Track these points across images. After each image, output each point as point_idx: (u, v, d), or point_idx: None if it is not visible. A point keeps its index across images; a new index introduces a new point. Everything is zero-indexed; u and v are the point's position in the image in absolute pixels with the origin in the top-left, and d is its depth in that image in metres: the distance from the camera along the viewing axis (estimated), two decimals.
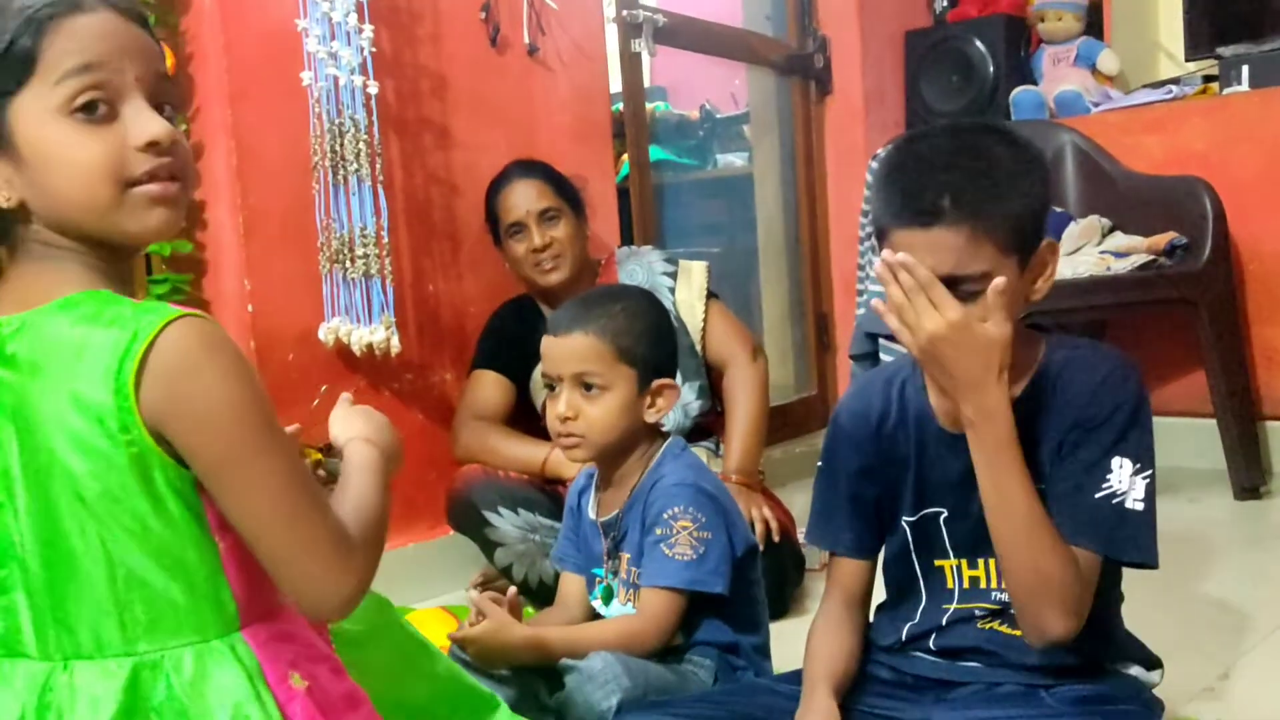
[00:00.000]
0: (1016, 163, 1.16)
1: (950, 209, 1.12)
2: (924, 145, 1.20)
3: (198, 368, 0.85)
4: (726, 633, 1.52)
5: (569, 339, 1.50)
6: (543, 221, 2.23)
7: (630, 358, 1.51)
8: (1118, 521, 1.17)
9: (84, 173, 0.87)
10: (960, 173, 1.13)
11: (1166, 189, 2.78)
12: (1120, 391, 1.20)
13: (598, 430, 1.50)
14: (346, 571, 0.89)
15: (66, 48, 0.86)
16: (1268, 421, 2.84)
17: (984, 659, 1.29)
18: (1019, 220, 1.14)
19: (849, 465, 1.35)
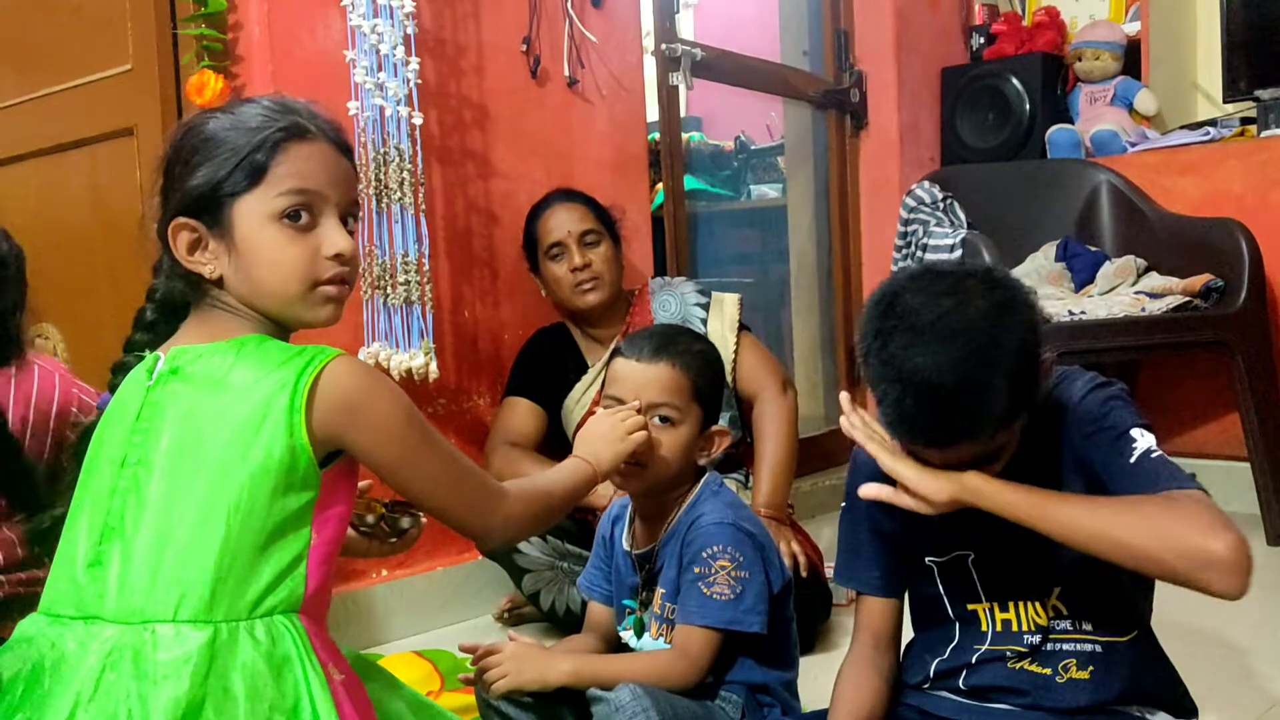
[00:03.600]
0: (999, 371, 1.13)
1: (960, 440, 1.17)
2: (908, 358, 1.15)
3: (370, 389, 1.08)
4: (758, 672, 1.53)
5: (653, 367, 1.50)
6: (583, 243, 2.27)
7: (702, 398, 1.53)
8: (1169, 467, 1.17)
9: (284, 270, 1.09)
10: (955, 416, 1.14)
11: (1202, 230, 2.78)
12: (1101, 393, 1.23)
13: (660, 463, 1.50)
14: (495, 509, 1.19)
15: (290, 169, 1.08)
16: None
17: (1014, 698, 1.28)
18: (1012, 410, 1.16)
19: (868, 501, 1.36)
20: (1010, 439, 1.19)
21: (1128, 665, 1.26)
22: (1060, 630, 1.28)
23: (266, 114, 1.10)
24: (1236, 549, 1.06)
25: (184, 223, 1.09)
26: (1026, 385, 1.16)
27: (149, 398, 1.07)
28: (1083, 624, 1.27)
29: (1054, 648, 1.28)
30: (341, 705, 1.02)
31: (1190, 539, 1.07)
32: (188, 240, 1.10)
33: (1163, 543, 1.08)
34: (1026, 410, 1.18)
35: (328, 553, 1.08)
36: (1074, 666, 1.26)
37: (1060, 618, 1.27)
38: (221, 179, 1.07)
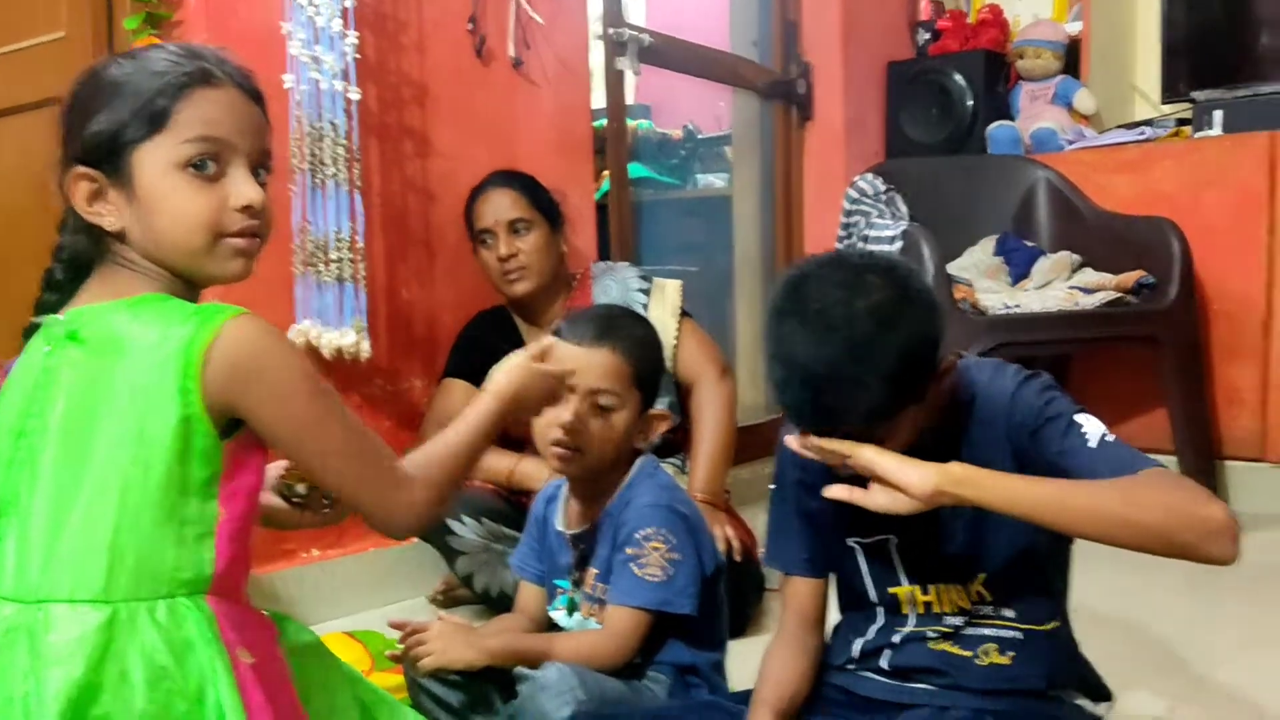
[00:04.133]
0: (888, 346, 1.14)
1: (829, 427, 1.18)
2: (800, 344, 1.16)
3: (267, 352, 1.01)
4: (686, 653, 1.53)
5: (593, 352, 1.48)
6: (511, 232, 2.25)
7: (641, 383, 1.52)
8: (1123, 449, 1.18)
9: (188, 222, 1.03)
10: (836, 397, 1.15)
11: (1136, 228, 2.83)
12: (1033, 386, 1.24)
13: (598, 448, 1.50)
14: (398, 496, 1.08)
15: (195, 116, 1.03)
16: (1227, 461, 2.88)
17: (935, 679, 1.30)
18: (886, 406, 1.16)
19: (792, 480, 1.37)
20: (895, 431, 1.18)
21: (1046, 653, 1.27)
22: (982, 615, 1.29)
23: (171, 59, 1.04)
24: (1231, 516, 1.09)
25: (83, 172, 1.03)
26: (904, 384, 1.15)
27: (46, 363, 1.02)
28: (1004, 610, 1.28)
29: (975, 631, 1.29)
30: (248, 691, 0.98)
31: (1195, 510, 1.08)
32: (87, 191, 1.03)
33: (1170, 516, 1.09)
34: (911, 405, 1.18)
35: (238, 529, 1.03)
36: (994, 651, 1.28)
37: (983, 603, 1.29)
38: (121, 125, 1.01)
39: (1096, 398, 2.99)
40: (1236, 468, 2.88)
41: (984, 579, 1.28)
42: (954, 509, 1.22)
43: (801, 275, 1.20)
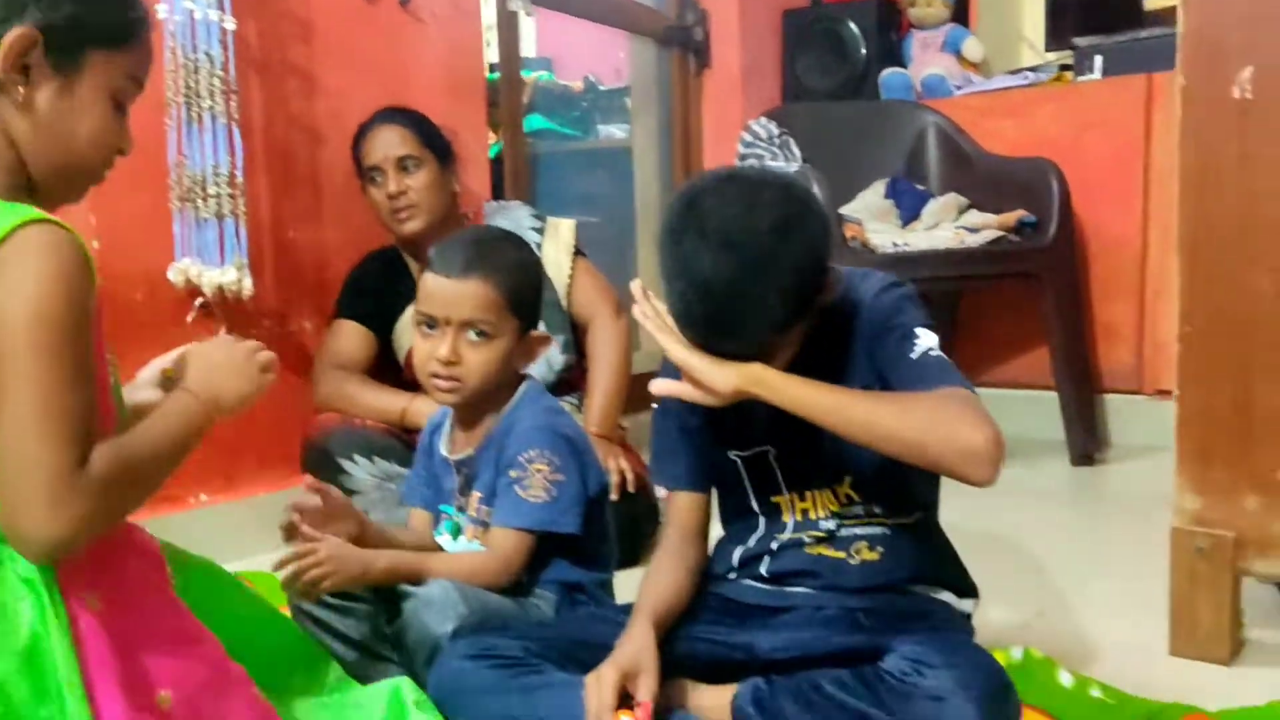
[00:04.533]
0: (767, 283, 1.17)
1: (729, 341, 1.21)
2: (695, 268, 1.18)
3: (15, 260, 0.90)
4: (573, 572, 1.55)
5: (464, 284, 1.46)
6: (399, 169, 2.22)
7: (518, 308, 1.50)
8: (947, 367, 1.23)
9: (98, 142, 1.04)
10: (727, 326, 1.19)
11: (1019, 170, 2.91)
12: (895, 292, 1.29)
13: (478, 377, 1.49)
14: (54, 514, 0.89)
15: (143, 54, 1.07)
16: (1105, 394, 2.99)
17: (809, 581, 1.34)
18: (783, 320, 1.20)
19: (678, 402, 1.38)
20: (785, 344, 1.23)
21: (913, 547, 1.33)
22: (852, 516, 1.34)
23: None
24: (995, 442, 1.14)
25: (33, 36, 0.98)
26: (800, 299, 1.19)
27: None
28: (873, 508, 1.33)
29: (847, 533, 1.34)
30: (89, 644, 0.92)
31: (957, 433, 1.14)
32: (20, 49, 0.97)
33: (932, 434, 1.15)
34: (803, 318, 1.22)
35: None
36: (864, 549, 1.32)
37: (852, 504, 1.33)
38: (105, 24, 1.03)
39: (983, 335, 3.12)
40: (1115, 400, 2.99)
41: (851, 481, 1.33)
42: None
43: (698, 192, 1.21)
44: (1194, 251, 1.47)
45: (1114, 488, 2.68)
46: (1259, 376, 1.44)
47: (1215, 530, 1.49)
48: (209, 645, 1.05)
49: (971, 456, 1.13)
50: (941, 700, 1.07)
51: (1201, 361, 1.48)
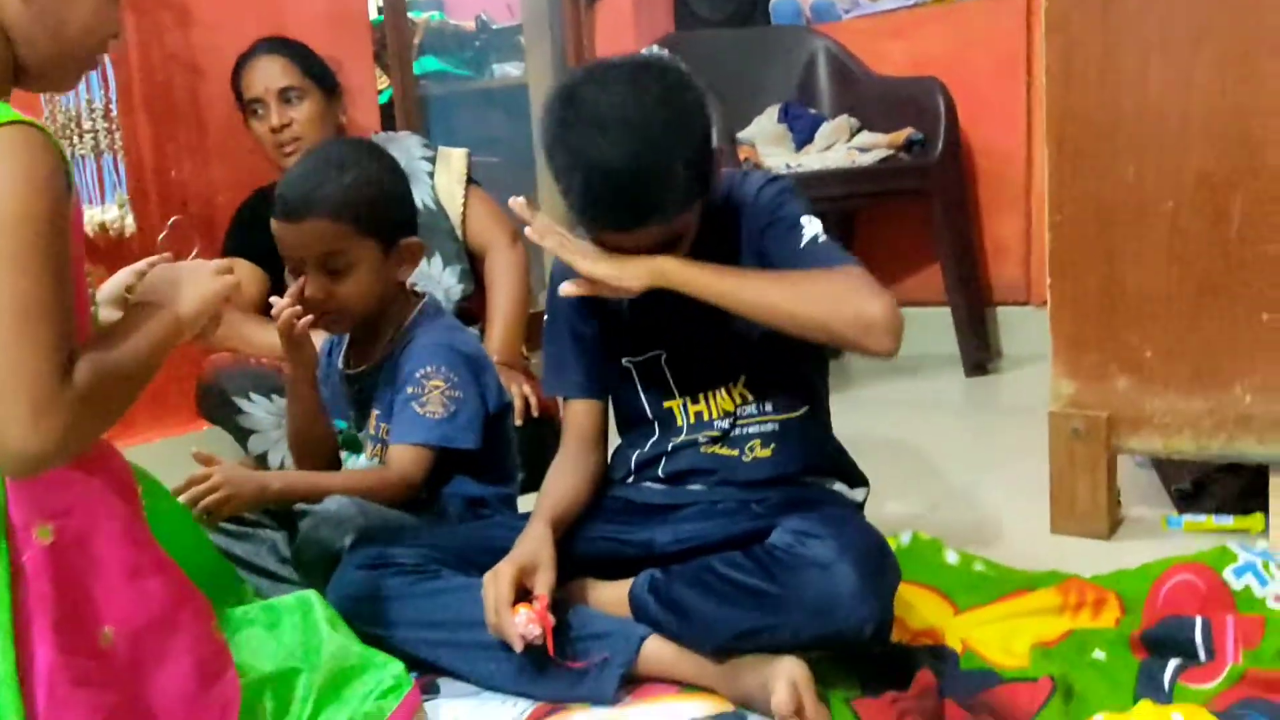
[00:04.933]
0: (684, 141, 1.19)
1: (644, 222, 1.21)
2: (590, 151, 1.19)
3: (8, 167, 0.87)
4: (474, 486, 1.56)
5: (301, 226, 1.43)
6: (282, 101, 2.16)
7: (371, 227, 1.47)
8: (833, 249, 1.26)
9: (90, 24, 1.01)
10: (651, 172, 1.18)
11: (906, 90, 2.95)
12: (775, 186, 1.32)
13: (353, 305, 1.48)
14: (37, 425, 0.85)
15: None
16: (996, 307, 3.08)
17: (705, 479, 1.37)
18: (690, 192, 1.21)
19: (564, 306, 1.39)
20: (689, 224, 1.25)
21: (803, 439, 1.36)
22: (746, 415, 1.36)
23: None
24: (892, 312, 1.18)
25: None
26: (702, 168, 1.21)
27: None
28: (765, 405, 1.36)
29: (741, 431, 1.37)
30: (29, 580, 0.89)
31: (855, 304, 1.17)
32: None
33: (833, 309, 1.18)
34: (704, 194, 1.23)
35: None
36: (758, 446, 1.35)
37: (746, 403, 1.36)
38: None
39: (877, 253, 3.17)
40: (1006, 312, 3.08)
41: (744, 380, 1.35)
42: (707, 321, 1.29)
43: (575, 85, 1.22)
44: (1061, 143, 1.52)
45: (1006, 394, 2.77)
46: (1124, 261, 1.50)
47: (1090, 411, 1.56)
48: (166, 578, 1.02)
49: (872, 327, 1.17)
50: (825, 567, 1.11)
51: (1071, 250, 1.53)
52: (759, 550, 1.18)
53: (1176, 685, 1.13)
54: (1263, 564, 1.29)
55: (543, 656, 1.21)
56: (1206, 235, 1.45)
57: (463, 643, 1.28)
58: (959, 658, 1.24)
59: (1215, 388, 1.47)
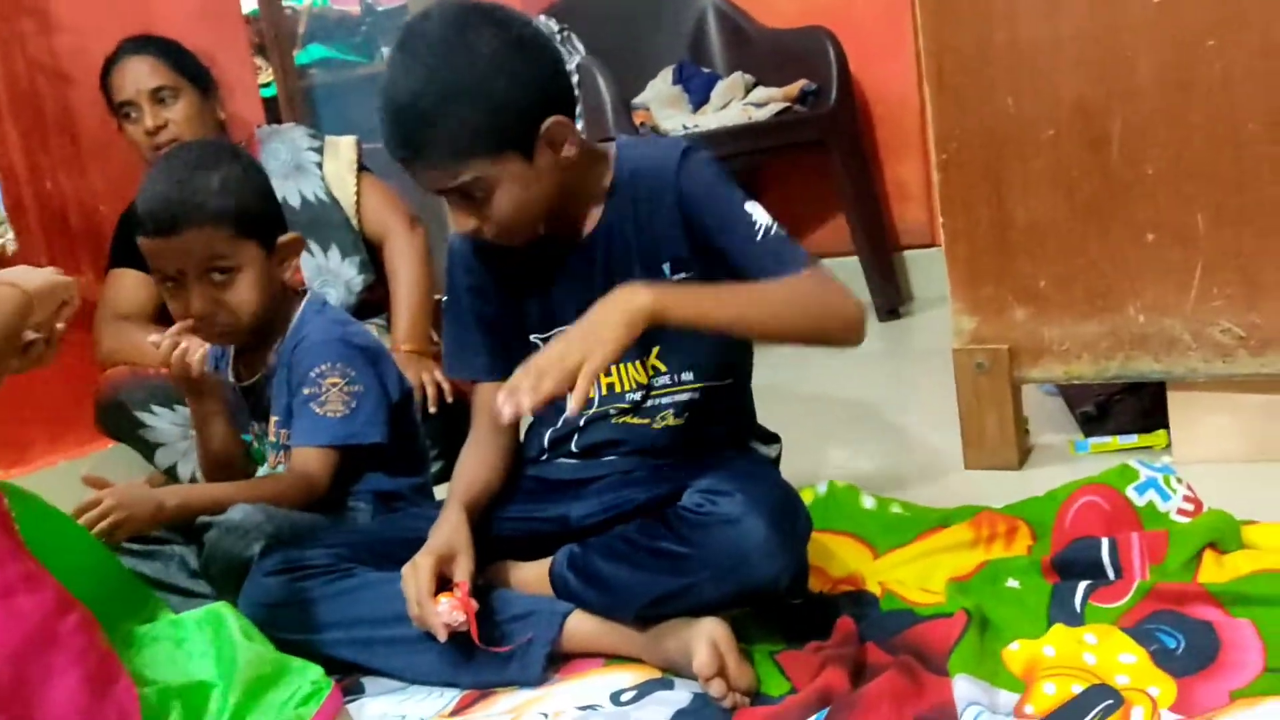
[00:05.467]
0: (478, 77, 1.15)
1: (416, 160, 1.18)
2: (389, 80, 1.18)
3: None
4: (386, 481, 1.53)
5: (180, 238, 1.38)
6: (155, 101, 2.09)
7: (250, 228, 1.43)
8: (786, 243, 1.25)
9: None
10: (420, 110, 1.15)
11: (797, 41, 2.95)
12: (698, 161, 1.27)
13: (245, 312, 1.43)
14: None
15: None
16: (904, 251, 3.11)
17: (618, 449, 1.35)
18: (469, 146, 1.16)
19: (464, 286, 1.37)
20: (494, 180, 1.18)
21: (717, 405, 1.34)
22: (660, 386, 1.34)
23: None
24: (861, 308, 1.23)
25: None
26: (494, 126, 1.15)
27: None
28: (680, 375, 1.34)
29: (654, 403, 1.35)
30: None
31: (839, 311, 1.21)
32: None
33: (824, 320, 1.21)
34: (511, 156, 1.17)
35: None
36: (670, 415, 1.34)
37: (659, 374, 1.34)
38: None
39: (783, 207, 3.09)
40: (912, 256, 3.10)
41: (658, 351, 1.33)
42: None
43: (421, 14, 1.20)
44: (940, 80, 1.52)
45: (918, 337, 2.80)
46: (1012, 193, 1.52)
47: (991, 345, 1.58)
48: (39, 594, 0.98)
49: (853, 326, 1.22)
50: (735, 522, 1.11)
51: (959, 185, 1.54)
52: (670, 513, 1.18)
53: (1087, 606, 1.15)
54: (1164, 479, 1.32)
55: (467, 644, 1.19)
56: (1088, 160, 1.46)
57: (385, 639, 1.26)
58: (879, 601, 1.25)
59: (1108, 310, 1.50)
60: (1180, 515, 1.29)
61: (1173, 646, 1.06)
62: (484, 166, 1.17)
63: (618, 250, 1.28)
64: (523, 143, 1.18)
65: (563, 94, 1.21)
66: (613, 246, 1.28)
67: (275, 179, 2.21)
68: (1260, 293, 1.41)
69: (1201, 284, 1.43)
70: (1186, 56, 1.39)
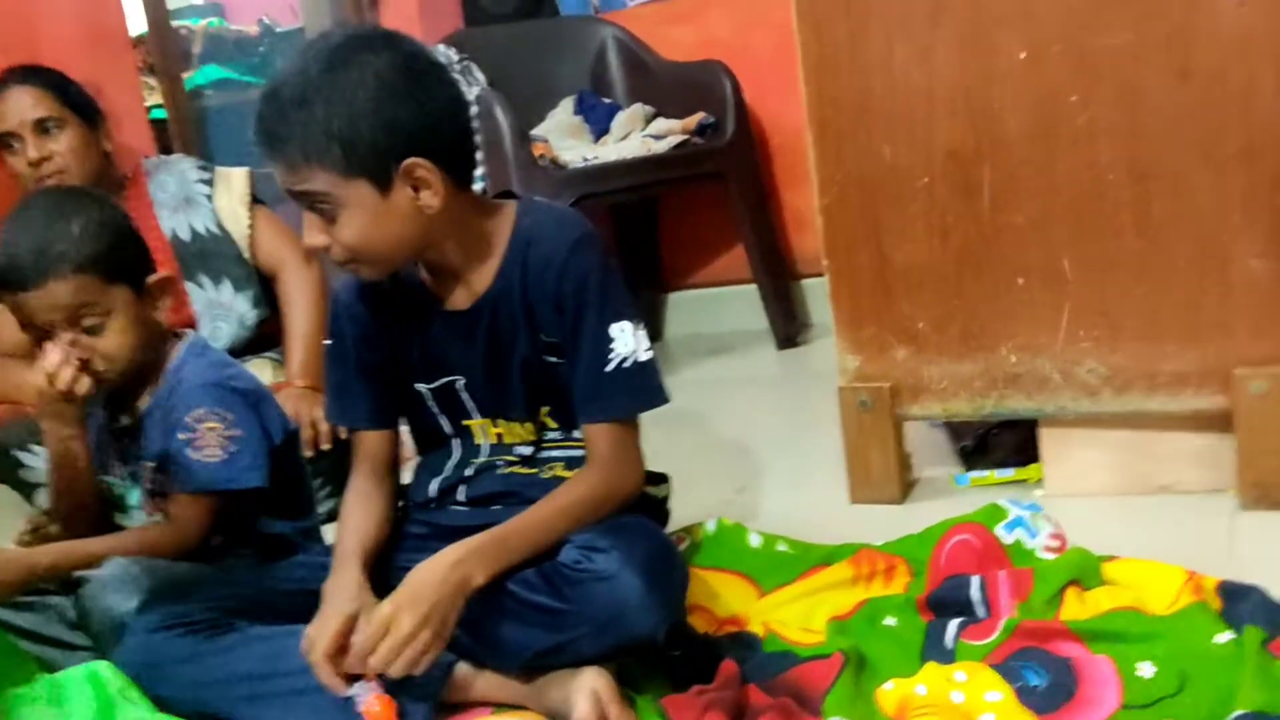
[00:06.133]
0: (350, 92, 1.15)
1: (272, 148, 1.18)
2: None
3: None
4: (269, 525, 1.51)
5: (44, 291, 1.34)
6: (39, 132, 2.04)
7: (118, 273, 1.40)
8: (639, 380, 1.27)
9: None
10: (290, 104, 1.16)
11: (695, 74, 2.99)
12: (588, 259, 1.26)
13: (121, 358, 1.40)
14: None
15: None
16: (802, 280, 3.17)
17: (507, 500, 1.35)
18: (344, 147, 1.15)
19: (350, 335, 1.36)
20: (346, 206, 1.17)
21: None
22: (550, 440, 1.36)
23: None
24: (641, 473, 1.31)
25: None
26: (344, 142, 1.14)
27: None
28: (573, 433, 1.35)
29: (544, 455, 1.36)
30: None
31: (620, 497, 1.27)
32: None
33: (605, 511, 1.26)
34: (371, 181, 1.17)
35: None
36: (560, 467, 1.34)
37: (549, 430, 1.35)
38: None
39: (683, 237, 3.22)
40: (811, 284, 3.17)
41: (548, 411, 1.34)
42: (507, 355, 1.29)
43: (328, 30, 1.22)
44: (822, 128, 1.57)
45: (815, 365, 2.85)
46: (890, 236, 1.57)
47: (874, 383, 1.63)
48: None
49: (630, 498, 1.29)
50: (610, 579, 1.12)
51: (841, 230, 1.59)
52: (549, 568, 1.18)
53: (959, 643, 1.19)
54: (1031, 516, 1.37)
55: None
56: (960, 207, 1.52)
57: (270, 693, 1.24)
58: (762, 642, 1.28)
59: (983, 351, 1.55)
60: (1046, 552, 1.34)
61: (1035, 684, 1.10)
62: (332, 182, 1.16)
63: (504, 315, 1.28)
64: (376, 173, 1.17)
65: (437, 138, 1.19)
66: (499, 311, 1.28)
67: (163, 211, 2.20)
68: (1122, 335, 1.48)
69: (1069, 327, 1.50)
70: (1051, 109, 1.45)
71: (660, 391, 1.30)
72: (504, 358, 1.31)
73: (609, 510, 1.26)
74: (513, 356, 1.31)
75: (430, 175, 1.18)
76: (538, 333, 1.29)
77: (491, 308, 1.29)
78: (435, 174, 1.18)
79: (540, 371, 1.31)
